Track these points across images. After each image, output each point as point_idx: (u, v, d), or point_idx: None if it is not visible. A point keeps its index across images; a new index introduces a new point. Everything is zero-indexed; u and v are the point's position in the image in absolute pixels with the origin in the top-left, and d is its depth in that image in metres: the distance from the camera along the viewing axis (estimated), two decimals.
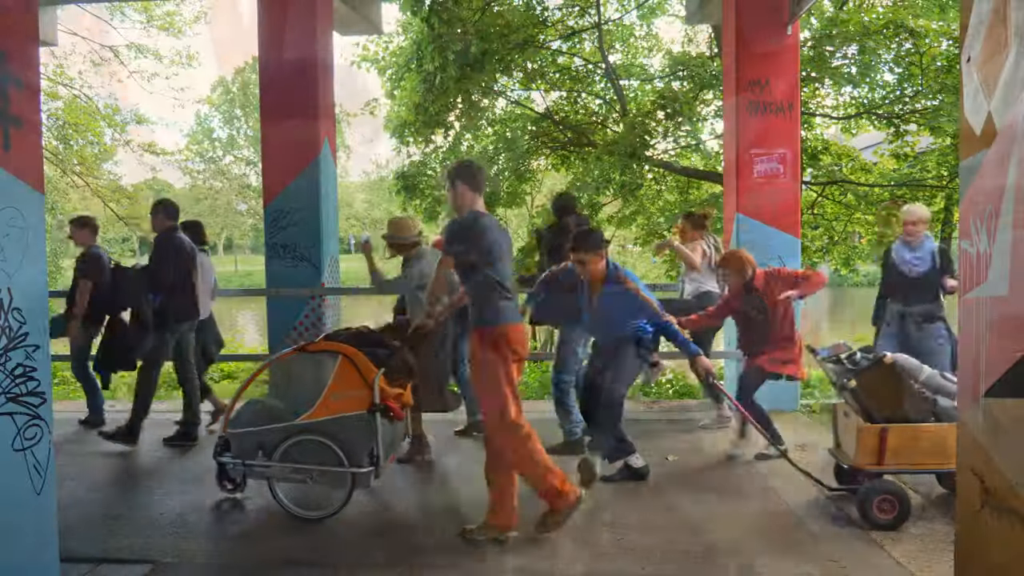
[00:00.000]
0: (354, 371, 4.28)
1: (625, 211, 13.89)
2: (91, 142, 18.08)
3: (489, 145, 13.94)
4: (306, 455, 4.31)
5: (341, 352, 4.34)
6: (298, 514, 4.40)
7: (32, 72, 3.16)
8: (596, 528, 4.20)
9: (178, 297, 5.94)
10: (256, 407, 4.46)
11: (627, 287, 4.69)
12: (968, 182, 3.12)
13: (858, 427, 4.26)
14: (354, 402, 4.27)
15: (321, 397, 4.30)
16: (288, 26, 7.24)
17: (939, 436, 4.15)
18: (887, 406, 4.23)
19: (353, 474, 4.28)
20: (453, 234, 3.99)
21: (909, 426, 4.18)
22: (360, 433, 4.27)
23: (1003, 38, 2.85)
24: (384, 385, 4.34)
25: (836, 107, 12.68)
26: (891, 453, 4.19)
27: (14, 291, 3.05)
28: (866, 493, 4.20)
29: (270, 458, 4.33)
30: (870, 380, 4.24)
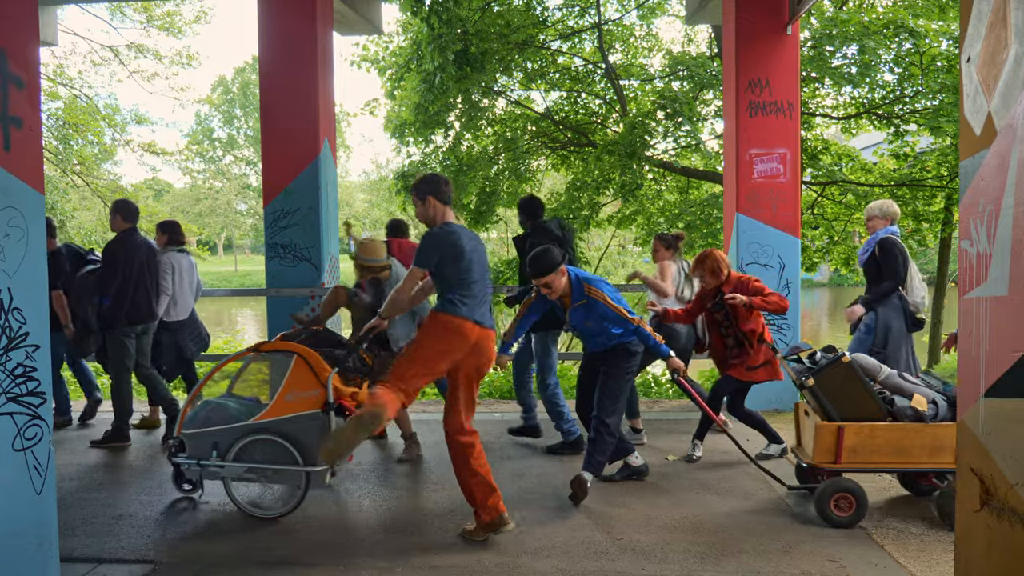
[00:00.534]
0: (308, 371, 4.31)
1: (625, 211, 13.90)
2: (91, 142, 18.09)
3: (489, 145, 13.95)
4: (261, 455, 4.34)
5: (296, 352, 4.37)
6: (253, 513, 4.43)
7: (32, 72, 3.16)
8: (596, 527, 4.20)
9: (129, 298, 5.89)
10: (211, 407, 4.48)
11: (595, 298, 4.59)
12: (968, 182, 3.12)
13: (816, 425, 4.30)
14: (308, 401, 4.30)
15: (275, 396, 4.33)
16: (288, 26, 7.25)
17: (895, 436, 4.19)
18: (845, 405, 4.25)
19: (307, 473, 4.31)
20: (426, 247, 3.99)
21: (866, 425, 4.21)
22: (314, 432, 4.29)
23: (1003, 38, 2.85)
24: (339, 384, 4.36)
25: (836, 107, 12.70)
26: (848, 452, 4.22)
27: (14, 291, 3.05)
28: (823, 491, 4.23)
29: (224, 458, 4.35)
30: (828, 379, 4.26)
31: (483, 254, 4.17)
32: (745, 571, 3.65)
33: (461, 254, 3.97)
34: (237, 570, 3.75)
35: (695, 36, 14.56)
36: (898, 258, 5.58)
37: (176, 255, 6.28)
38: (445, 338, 3.95)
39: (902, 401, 4.27)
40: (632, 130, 11.47)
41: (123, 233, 5.97)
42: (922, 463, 4.23)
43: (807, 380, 4.28)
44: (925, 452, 4.19)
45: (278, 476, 4.36)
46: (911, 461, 4.22)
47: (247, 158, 52.11)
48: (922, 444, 4.18)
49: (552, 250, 4.52)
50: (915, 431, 4.17)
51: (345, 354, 4.52)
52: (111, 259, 5.88)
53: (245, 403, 4.54)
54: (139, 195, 18.87)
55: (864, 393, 4.24)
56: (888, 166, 12.32)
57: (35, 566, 3.19)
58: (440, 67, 11.37)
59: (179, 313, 6.28)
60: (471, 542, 4.01)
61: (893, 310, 5.59)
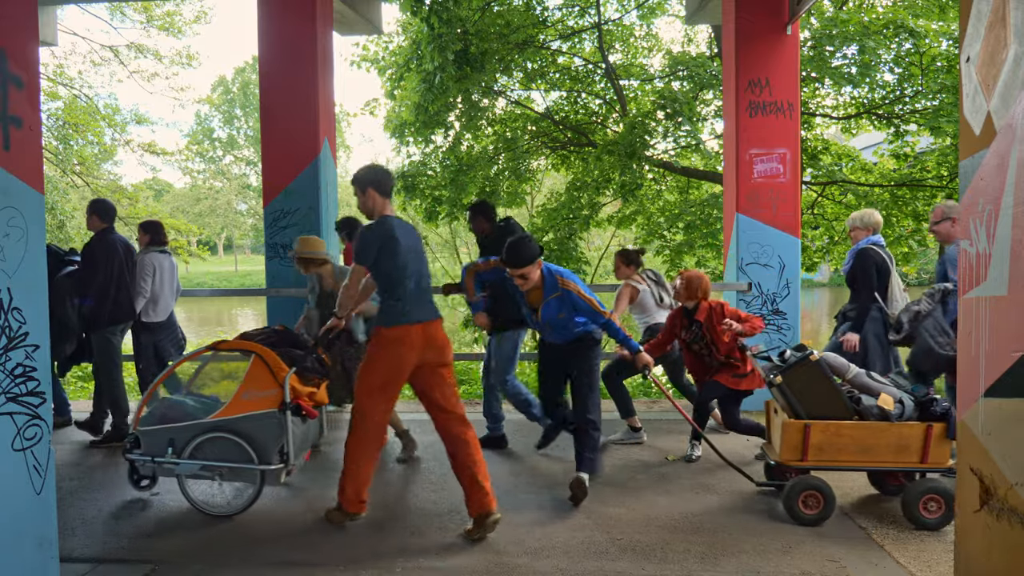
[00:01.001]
0: (266, 370, 4.34)
1: (625, 211, 13.90)
2: (91, 142, 18.10)
3: (489, 145, 13.95)
4: (216, 452, 4.36)
5: (253, 351, 4.40)
6: (208, 511, 4.45)
7: (32, 72, 3.16)
8: (596, 527, 4.21)
9: (112, 298, 5.91)
10: (168, 405, 4.50)
11: (568, 289, 4.60)
12: (967, 182, 3.12)
13: (782, 423, 4.32)
14: (265, 400, 4.32)
15: (232, 395, 4.35)
16: (288, 26, 7.25)
17: (861, 434, 4.21)
18: (812, 403, 4.26)
19: (262, 471, 4.34)
20: (363, 244, 4.03)
21: (832, 423, 4.22)
22: (270, 431, 4.32)
23: (1002, 38, 2.85)
24: (297, 384, 4.39)
25: (836, 107, 12.70)
26: (814, 449, 4.24)
27: (14, 291, 3.05)
28: (791, 488, 4.25)
29: (180, 456, 4.37)
30: (795, 377, 4.28)
31: (420, 246, 4.23)
32: (745, 571, 3.65)
33: (397, 248, 4.02)
34: (237, 570, 3.75)
35: (695, 36, 14.57)
36: (871, 271, 5.56)
37: (158, 256, 6.28)
38: (394, 354, 4.05)
39: (869, 400, 4.30)
40: (632, 130, 11.47)
41: (100, 233, 5.99)
42: (887, 462, 4.25)
43: (775, 378, 4.32)
44: (890, 451, 4.21)
45: (233, 474, 4.39)
46: (877, 460, 4.25)
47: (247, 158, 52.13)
48: (887, 443, 4.20)
49: (531, 241, 4.53)
50: (881, 430, 4.20)
51: (303, 354, 4.54)
52: (91, 259, 5.89)
53: (203, 401, 4.59)
54: (139, 195, 18.87)
55: (831, 392, 4.27)
56: (888, 166, 12.32)
57: (35, 566, 3.19)
58: (440, 67, 11.37)
59: (159, 314, 6.26)
60: (471, 541, 4.02)
61: (871, 322, 5.56)
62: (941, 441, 4.17)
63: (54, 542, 3.29)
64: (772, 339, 6.90)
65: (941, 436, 4.16)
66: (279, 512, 4.53)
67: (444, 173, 13.32)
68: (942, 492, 4.14)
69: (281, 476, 4.42)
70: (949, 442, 4.17)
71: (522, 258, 4.46)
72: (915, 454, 4.19)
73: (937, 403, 4.22)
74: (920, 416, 4.23)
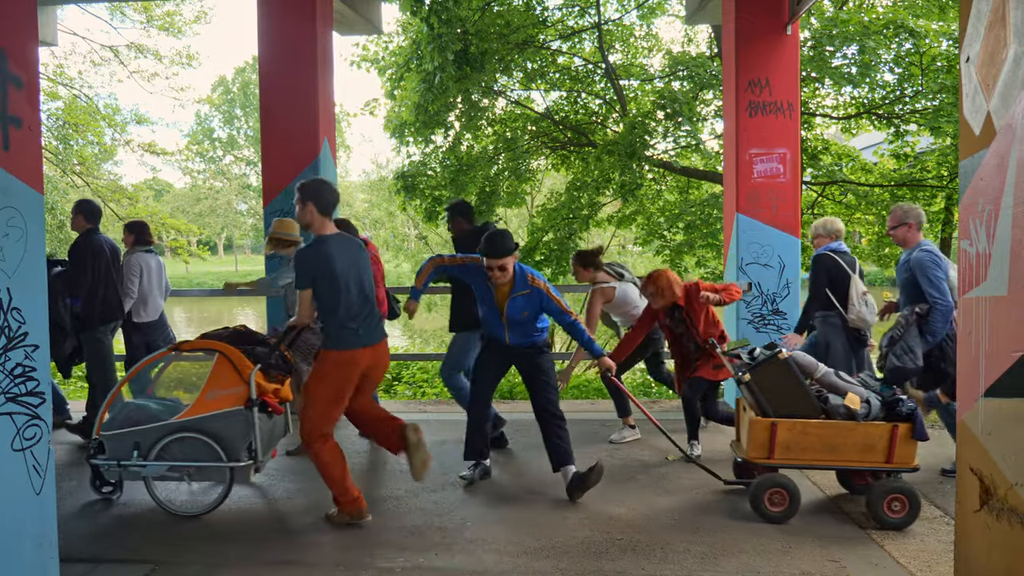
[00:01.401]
0: (230, 368, 4.35)
1: (625, 211, 13.89)
2: (91, 142, 18.10)
3: (489, 145, 13.95)
4: (183, 453, 4.37)
5: (217, 350, 4.41)
6: (176, 512, 4.46)
7: (31, 72, 3.16)
8: (596, 527, 4.21)
9: (100, 297, 5.93)
10: (131, 408, 4.50)
11: (538, 287, 4.65)
12: (967, 182, 3.12)
13: (749, 421, 4.34)
14: (231, 399, 4.33)
15: (197, 394, 4.36)
16: (288, 26, 7.24)
17: (827, 433, 4.22)
18: (780, 401, 4.28)
19: (231, 469, 4.35)
20: (299, 270, 4.06)
21: (799, 421, 4.24)
22: (237, 428, 4.34)
23: (1002, 38, 2.85)
24: (262, 381, 4.40)
25: (836, 107, 12.70)
26: (781, 447, 4.25)
27: (13, 291, 3.05)
28: (758, 486, 4.27)
29: (146, 458, 4.37)
30: (764, 375, 4.29)
31: (361, 263, 4.22)
32: (745, 571, 3.65)
33: (333, 271, 4.04)
34: (237, 570, 3.75)
35: (695, 36, 14.57)
36: (821, 277, 5.58)
37: (144, 255, 6.29)
38: (340, 376, 4.14)
39: (836, 399, 4.31)
40: (632, 130, 11.47)
41: (85, 234, 6.01)
42: (853, 461, 4.27)
43: (743, 376, 4.33)
44: (856, 450, 4.23)
45: (201, 473, 4.39)
46: (843, 459, 4.27)
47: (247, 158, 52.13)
48: (853, 442, 4.22)
49: (509, 235, 4.63)
50: (847, 429, 4.21)
51: (267, 352, 4.55)
52: (79, 260, 5.90)
53: (167, 403, 4.60)
54: (139, 195, 18.86)
55: (799, 390, 4.28)
56: (888, 166, 12.33)
57: (35, 566, 3.18)
58: (440, 67, 11.37)
59: (150, 314, 6.28)
60: (469, 541, 4.02)
61: (832, 328, 5.59)
62: (906, 441, 4.19)
63: (54, 542, 3.29)
64: (772, 339, 6.90)
65: (906, 436, 4.18)
66: (279, 512, 4.53)
67: (444, 173, 13.33)
68: (906, 492, 4.16)
69: (250, 473, 4.44)
70: (915, 443, 4.20)
71: (502, 248, 4.54)
72: (881, 454, 4.21)
73: (903, 403, 4.24)
74: (886, 416, 4.25)
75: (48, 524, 3.25)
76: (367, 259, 4.31)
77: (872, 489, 4.22)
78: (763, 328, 6.82)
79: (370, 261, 4.41)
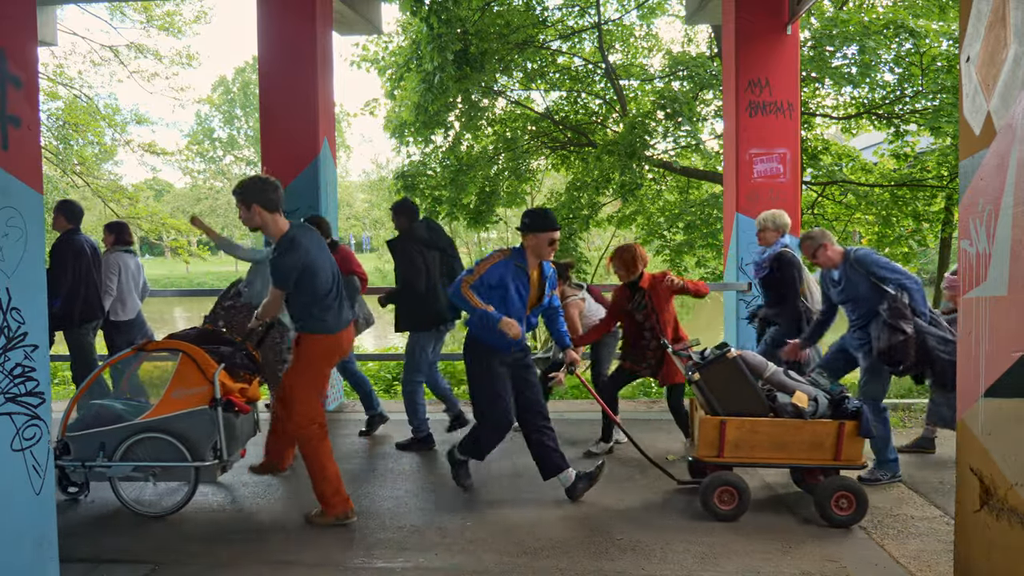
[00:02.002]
0: (194, 367, 4.36)
1: (625, 211, 13.89)
2: (91, 142, 18.09)
3: (489, 145, 13.94)
4: (148, 453, 4.37)
5: (181, 349, 4.42)
6: (143, 512, 4.46)
7: (30, 71, 3.15)
8: (596, 527, 4.20)
9: (81, 297, 5.95)
10: (97, 409, 4.51)
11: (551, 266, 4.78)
12: (967, 182, 3.12)
13: (699, 419, 4.37)
14: (195, 398, 4.34)
15: (162, 394, 4.37)
16: (288, 26, 7.24)
17: (776, 431, 4.24)
18: (729, 400, 4.30)
19: (196, 469, 4.36)
20: (281, 272, 4.03)
21: (747, 420, 4.25)
22: (202, 428, 4.34)
23: (1002, 38, 2.85)
24: (227, 380, 4.41)
25: (836, 107, 12.69)
26: (730, 446, 4.26)
27: (13, 291, 3.04)
28: (708, 484, 4.30)
29: (111, 458, 4.37)
30: (713, 374, 4.32)
31: (327, 254, 4.26)
32: (745, 571, 3.65)
33: (313, 262, 4.07)
34: (237, 570, 3.75)
35: (695, 36, 14.57)
36: (795, 274, 5.59)
37: (123, 255, 6.33)
38: (324, 358, 4.21)
39: (784, 398, 4.34)
40: (632, 130, 11.47)
41: (66, 234, 6.03)
42: (802, 459, 4.29)
43: (693, 375, 4.35)
44: (804, 448, 4.24)
45: (167, 473, 4.40)
46: (792, 457, 4.28)
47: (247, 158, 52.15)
48: (801, 440, 4.23)
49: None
50: (795, 427, 4.23)
51: (232, 351, 4.56)
52: (60, 260, 5.92)
53: (134, 403, 4.61)
54: (139, 195, 18.86)
55: (748, 389, 4.30)
56: (888, 166, 12.32)
57: (35, 566, 3.18)
58: (440, 67, 11.37)
59: (127, 313, 6.32)
60: (469, 541, 4.01)
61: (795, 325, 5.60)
62: (853, 439, 4.21)
63: (53, 542, 3.29)
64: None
65: (853, 434, 4.20)
66: (279, 512, 4.53)
67: (444, 173, 13.33)
68: (853, 489, 4.19)
69: (216, 473, 4.45)
70: (862, 440, 4.22)
71: (555, 219, 4.56)
72: (829, 451, 4.23)
73: (849, 401, 4.26)
74: (833, 414, 4.26)
75: (48, 524, 3.25)
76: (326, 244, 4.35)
77: (821, 487, 4.26)
78: None
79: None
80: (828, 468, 4.30)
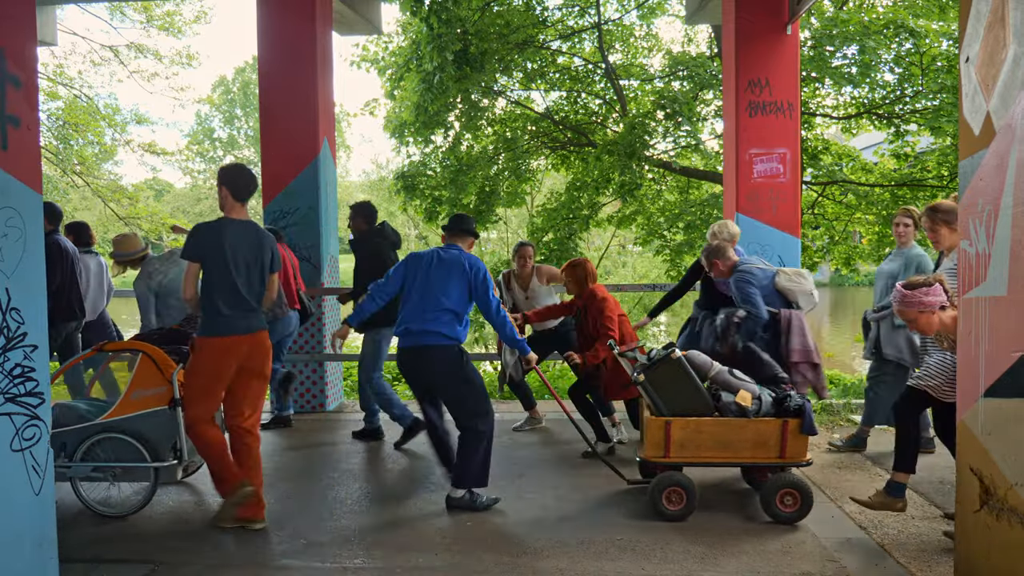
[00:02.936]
0: (154, 368, 4.38)
1: (625, 211, 13.89)
2: (91, 142, 18.09)
3: (489, 145, 13.94)
4: (109, 453, 4.39)
5: (140, 350, 4.44)
6: (104, 512, 4.47)
7: (30, 71, 3.16)
8: (596, 528, 4.20)
9: (62, 298, 5.97)
10: (60, 409, 4.51)
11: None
12: (967, 183, 3.12)
13: (645, 420, 4.39)
14: (155, 398, 4.37)
15: (122, 395, 4.40)
16: (288, 26, 7.25)
17: (720, 430, 4.25)
18: (675, 400, 4.31)
19: (156, 469, 4.37)
20: (192, 240, 4.09)
21: (692, 420, 4.27)
22: (162, 428, 4.36)
23: (1001, 38, 2.85)
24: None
25: (836, 107, 12.69)
26: (676, 446, 4.27)
27: (12, 291, 3.05)
28: (656, 484, 4.31)
29: (72, 458, 4.39)
30: (658, 375, 4.33)
31: (258, 250, 4.21)
32: (745, 571, 3.65)
33: (223, 253, 4.06)
34: (236, 570, 3.75)
35: (695, 36, 14.56)
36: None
37: (84, 256, 6.35)
38: (214, 363, 4.15)
39: (728, 397, 4.35)
40: (632, 130, 11.47)
41: (47, 235, 6.05)
42: (748, 457, 4.30)
43: (638, 376, 4.37)
44: (748, 447, 4.25)
45: (126, 474, 4.41)
46: (738, 456, 4.30)
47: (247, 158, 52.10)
48: (746, 439, 4.24)
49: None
50: (739, 426, 4.24)
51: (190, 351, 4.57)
52: (48, 260, 5.94)
53: (98, 403, 4.64)
54: (139, 195, 18.86)
55: (692, 389, 4.31)
56: (888, 166, 12.32)
57: (35, 566, 3.18)
58: (440, 67, 11.37)
59: (89, 314, 6.35)
60: (469, 541, 4.01)
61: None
62: (797, 436, 4.21)
63: (53, 542, 3.29)
64: None
65: (796, 431, 4.20)
66: (278, 512, 4.53)
67: (444, 173, 13.32)
68: (797, 486, 4.20)
69: (177, 473, 4.46)
70: (805, 437, 4.23)
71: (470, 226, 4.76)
72: (773, 449, 4.24)
73: (791, 399, 4.27)
74: (776, 412, 4.27)
75: (48, 524, 3.25)
76: (270, 254, 4.28)
77: (766, 485, 4.28)
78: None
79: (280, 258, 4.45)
80: (774, 466, 4.31)
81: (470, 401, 4.48)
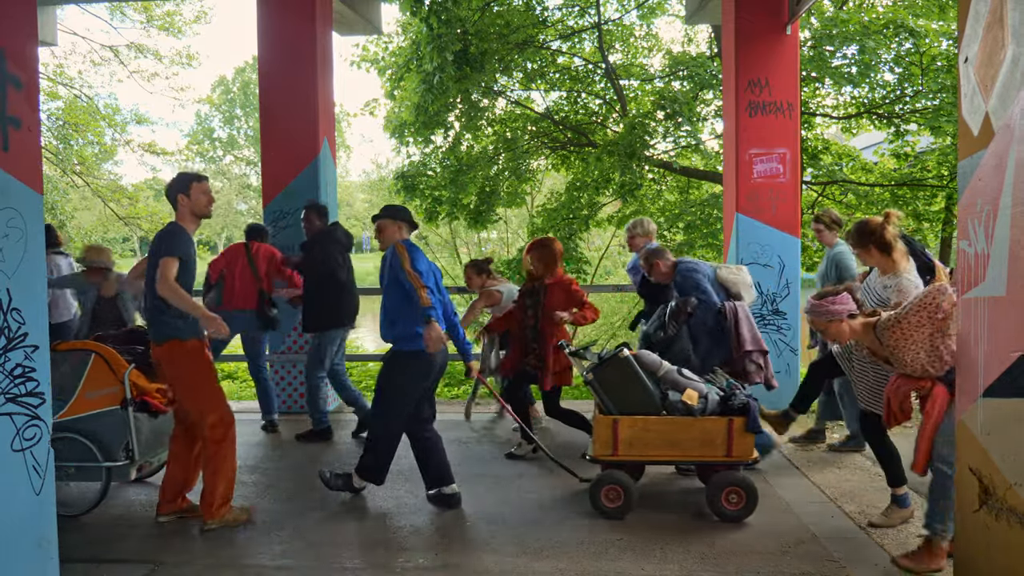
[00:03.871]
0: (106, 368, 4.41)
1: (625, 211, 13.89)
2: (91, 142, 18.09)
3: (489, 145, 13.94)
4: (61, 453, 4.35)
5: (94, 350, 4.46)
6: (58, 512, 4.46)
7: (30, 72, 3.16)
8: (595, 527, 4.21)
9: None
10: None
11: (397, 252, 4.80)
12: (966, 182, 3.12)
13: (594, 418, 4.42)
14: (107, 398, 4.40)
15: (75, 395, 4.42)
16: (288, 26, 7.25)
17: (667, 429, 4.29)
18: (623, 399, 4.34)
19: (108, 469, 4.40)
20: (172, 239, 4.14)
21: (639, 418, 4.30)
22: (114, 428, 4.39)
23: (1000, 39, 2.85)
24: (143, 381, 4.46)
25: (836, 107, 12.69)
26: (624, 444, 4.30)
27: (13, 291, 3.05)
28: (596, 483, 4.36)
29: None
30: (607, 373, 4.36)
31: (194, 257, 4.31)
32: (745, 571, 3.65)
33: (192, 260, 4.19)
34: (236, 570, 3.75)
35: (695, 36, 14.55)
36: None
37: (54, 257, 6.38)
38: (206, 361, 4.23)
39: (675, 395, 4.38)
40: (632, 130, 11.46)
41: None
42: (694, 456, 4.33)
43: (587, 375, 4.40)
44: (695, 445, 4.28)
45: (80, 473, 4.43)
46: (684, 454, 4.33)
47: (247, 158, 52.12)
48: (693, 437, 4.27)
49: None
50: (686, 424, 4.27)
51: (144, 350, 4.58)
52: None
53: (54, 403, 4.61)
54: (139, 195, 18.86)
55: (640, 388, 4.34)
56: (888, 166, 12.32)
57: (35, 566, 3.19)
58: (440, 67, 11.36)
59: (61, 315, 6.38)
60: (469, 541, 4.02)
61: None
62: (742, 434, 4.23)
63: (53, 542, 3.29)
64: (772, 339, 6.90)
65: (742, 429, 4.22)
66: (277, 513, 4.54)
67: (444, 173, 13.32)
68: (742, 484, 4.23)
69: (130, 472, 4.47)
70: (751, 436, 4.25)
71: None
72: (720, 448, 4.26)
73: (735, 397, 4.29)
74: (722, 411, 4.29)
75: (48, 524, 3.26)
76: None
77: (712, 483, 4.30)
78: (763, 328, 6.81)
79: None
80: (720, 464, 4.33)
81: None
